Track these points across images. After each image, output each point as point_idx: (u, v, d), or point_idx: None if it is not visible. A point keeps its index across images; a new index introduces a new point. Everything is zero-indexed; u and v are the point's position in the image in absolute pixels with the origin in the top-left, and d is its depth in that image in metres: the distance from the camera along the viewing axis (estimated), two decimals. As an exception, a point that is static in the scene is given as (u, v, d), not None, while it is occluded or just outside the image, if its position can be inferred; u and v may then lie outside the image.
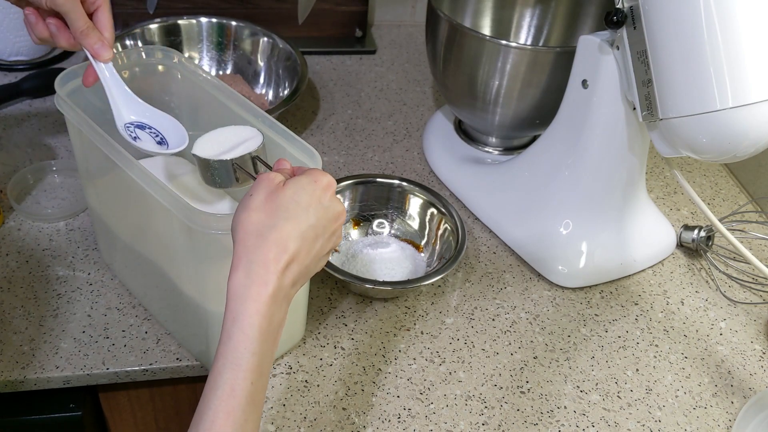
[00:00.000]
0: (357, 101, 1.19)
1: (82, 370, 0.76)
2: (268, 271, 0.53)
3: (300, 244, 0.54)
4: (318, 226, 0.55)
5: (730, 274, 0.96)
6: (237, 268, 0.53)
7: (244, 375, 0.51)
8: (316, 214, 0.55)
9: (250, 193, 0.55)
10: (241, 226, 0.54)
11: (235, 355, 0.51)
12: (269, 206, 0.54)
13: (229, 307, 0.53)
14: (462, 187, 1.02)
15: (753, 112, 0.67)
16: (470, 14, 1.10)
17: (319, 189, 0.56)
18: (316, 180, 0.56)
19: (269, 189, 0.55)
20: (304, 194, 0.55)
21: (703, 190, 1.12)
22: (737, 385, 0.83)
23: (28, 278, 0.84)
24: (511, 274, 0.93)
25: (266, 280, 0.52)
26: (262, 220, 0.54)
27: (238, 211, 0.55)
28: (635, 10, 0.72)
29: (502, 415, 0.77)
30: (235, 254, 0.54)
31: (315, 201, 0.55)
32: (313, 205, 0.55)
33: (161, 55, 0.79)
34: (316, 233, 0.55)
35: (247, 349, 0.52)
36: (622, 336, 0.87)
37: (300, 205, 0.54)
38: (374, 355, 0.81)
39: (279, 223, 0.53)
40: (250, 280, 0.52)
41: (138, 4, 1.20)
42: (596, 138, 0.85)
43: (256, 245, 0.53)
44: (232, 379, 0.51)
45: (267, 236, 0.53)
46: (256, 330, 0.52)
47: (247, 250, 0.53)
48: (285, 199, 0.54)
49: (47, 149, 1.01)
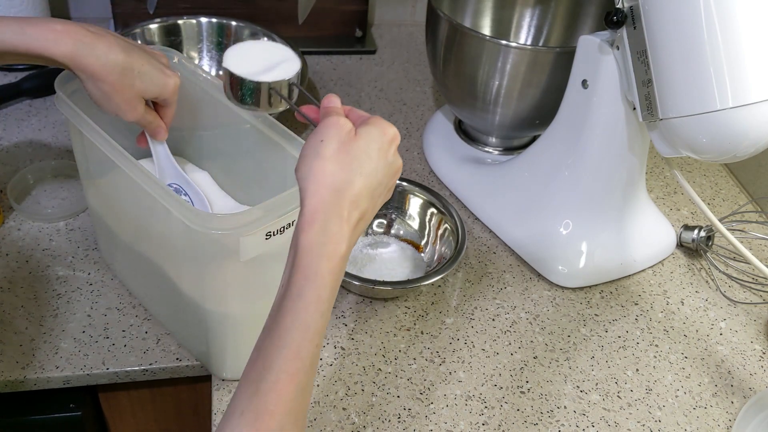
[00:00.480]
0: (357, 101, 1.19)
1: (82, 370, 0.76)
2: (342, 230, 0.51)
3: (369, 201, 0.53)
4: (383, 183, 0.54)
5: (730, 274, 0.96)
6: (312, 224, 0.51)
7: (312, 337, 0.49)
8: (384, 170, 0.54)
9: (320, 137, 0.53)
10: (315, 176, 0.51)
11: (304, 316, 0.49)
12: (343, 157, 0.52)
13: (300, 263, 0.50)
14: (462, 187, 1.02)
15: (753, 112, 0.67)
16: (470, 14, 1.10)
17: (387, 142, 0.54)
18: (385, 132, 0.54)
19: (341, 137, 0.53)
20: (374, 146, 0.53)
21: (703, 190, 1.12)
22: (737, 385, 0.83)
23: (28, 278, 0.84)
24: (511, 274, 0.93)
25: (340, 239, 0.51)
26: (337, 173, 0.51)
27: (307, 157, 0.52)
28: (635, 10, 0.72)
29: (502, 415, 0.77)
30: (309, 207, 0.51)
31: (383, 155, 0.54)
32: (383, 159, 0.54)
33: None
34: (380, 190, 0.54)
35: (318, 310, 0.50)
36: (622, 336, 0.87)
37: (372, 160, 0.53)
38: (374, 355, 0.81)
39: (355, 179, 0.52)
40: (326, 237, 0.50)
41: (138, 4, 1.20)
42: (596, 138, 0.85)
43: (332, 201, 0.51)
44: (299, 339, 0.49)
45: (343, 192, 0.51)
46: (328, 290, 0.50)
47: (324, 205, 0.51)
48: (358, 151, 0.52)
49: (47, 149, 1.01)
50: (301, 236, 0.51)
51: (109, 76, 0.65)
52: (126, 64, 0.66)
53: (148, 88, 0.68)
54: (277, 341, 0.49)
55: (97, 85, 0.66)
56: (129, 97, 0.67)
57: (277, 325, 0.49)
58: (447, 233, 0.91)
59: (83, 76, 0.66)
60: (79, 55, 0.64)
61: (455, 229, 0.89)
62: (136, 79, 0.67)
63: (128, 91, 0.67)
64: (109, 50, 0.65)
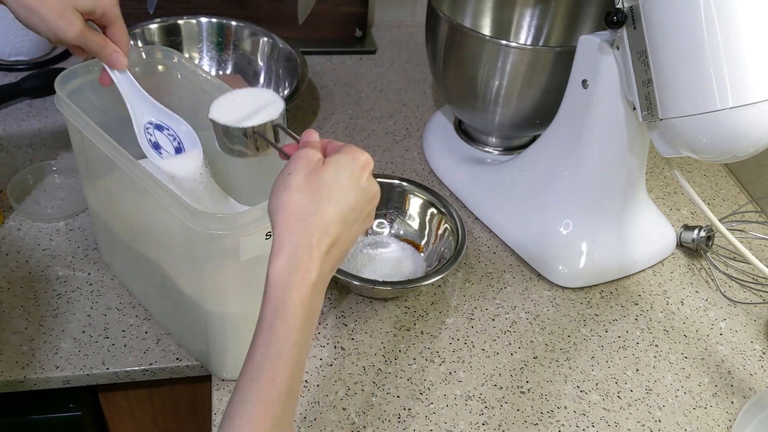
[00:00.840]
0: (357, 101, 1.19)
1: (82, 370, 0.76)
2: (311, 257, 0.50)
3: (341, 227, 0.52)
4: (356, 209, 0.54)
5: (730, 274, 0.96)
6: (279, 253, 0.50)
7: (285, 366, 0.49)
8: (356, 196, 0.53)
9: (288, 170, 0.53)
10: (283, 207, 0.51)
11: (276, 347, 0.49)
12: (310, 186, 0.52)
13: (270, 294, 0.50)
14: (462, 187, 1.02)
15: (753, 112, 0.67)
16: (470, 14, 1.10)
17: (358, 168, 0.54)
18: (355, 158, 0.54)
19: (309, 168, 0.53)
20: (344, 174, 0.53)
21: (703, 190, 1.12)
22: (737, 385, 0.83)
23: (28, 278, 0.84)
24: (511, 274, 0.93)
25: (310, 267, 0.50)
26: (304, 202, 0.51)
27: (276, 190, 0.53)
28: (635, 10, 0.72)
29: (502, 415, 0.77)
30: (277, 238, 0.51)
31: (354, 181, 0.53)
32: (354, 185, 0.53)
33: (161, 55, 0.79)
34: (354, 216, 0.54)
35: (289, 339, 0.50)
36: (622, 336, 0.87)
37: (341, 186, 0.52)
38: (374, 355, 0.81)
39: (322, 206, 0.51)
40: (293, 266, 0.50)
41: (138, 4, 1.20)
42: (596, 138, 0.85)
43: (299, 229, 0.51)
44: (272, 370, 0.49)
45: (310, 220, 0.51)
46: (298, 320, 0.50)
47: (291, 235, 0.51)
48: (327, 179, 0.52)
49: (47, 149, 1.01)
50: (270, 267, 0.51)
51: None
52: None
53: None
54: (250, 374, 0.49)
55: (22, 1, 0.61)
56: (60, 10, 0.62)
57: (250, 358, 0.50)
58: (447, 233, 0.91)
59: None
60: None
61: (455, 229, 0.89)
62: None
63: (57, 3, 0.62)
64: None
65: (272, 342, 0.49)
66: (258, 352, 0.50)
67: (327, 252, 0.51)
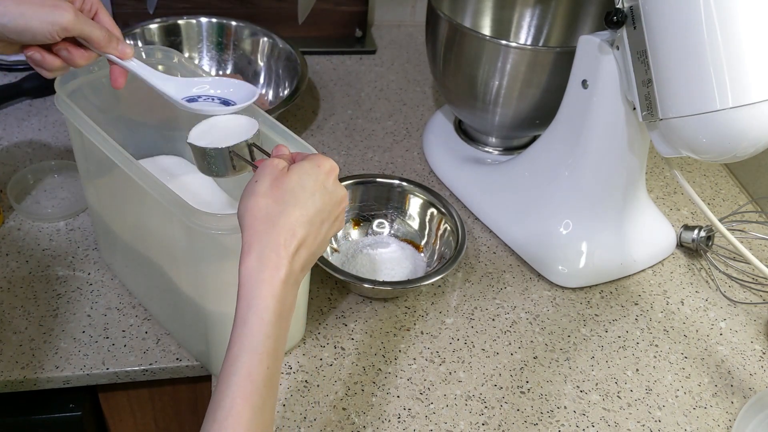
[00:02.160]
0: (357, 101, 1.19)
1: (82, 370, 0.76)
2: (279, 256, 0.53)
3: (308, 229, 0.55)
4: (323, 211, 0.56)
5: (730, 274, 0.96)
6: (248, 253, 0.53)
7: (260, 359, 0.51)
8: (322, 199, 0.56)
9: (255, 179, 0.55)
10: (249, 212, 0.54)
11: (250, 340, 0.51)
12: (276, 192, 0.54)
13: (242, 292, 0.53)
14: (462, 187, 1.02)
15: (753, 112, 0.67)
16: (470, 14, 1.10)
17: (323, 173, 0.56)
18: (319, 165, 0.57)
19: (274, 175, 0.55)
20: (308, 179, 0.55)
21: (703, 190, 1.12)
22: (737, 385, 0.83)
23: (28, 278, 0.84)
24: (511, 274, 0.93)
25: (278, 264, 0.53)
26: (270, 206, 0.54)
27: (244, 197, 0.55)
28: (635, 10, 0.72)
29: (502, 415, 0.77)
30: (245, 240, 0.54)
31: (319, 186, 0.56)
32: (318, 189, 0.56)
33: (161, 55, 0.79)
34: (322, 218, 0.56)
35: (263, 332, 0.52)
36: (622, 336, 0.87)
37: (306, 190, 0.55)
38: (374, 355, 0.81)
39: (287, 209, 0.54)
40: (262, 264, 0.52)
41: (138, 4, 1.20)
42: (596, 138, 0.85)
43: (265, 230, 0.53)
44: (248, 363, 0.51)
45: (276, 221, 0.53)
46: (270, 313, 0.52)
47: (258, 236, 0.53)
48: (291, 184, 0.55)
49: (47, 149, 1.01)
50: (240, 267, 0.53)
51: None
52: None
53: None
54: (228, 369, 0.51)
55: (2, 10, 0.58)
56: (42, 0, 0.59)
57: (228, 354, 0.52)
58: (447, 233, 0.91)
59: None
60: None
61: (455, 229, 0.89)
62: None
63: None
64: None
65: (246, 335, 0.52)
66: (234, 347, 0.52)
67: (295, 252, 0.54)
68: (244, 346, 0.51)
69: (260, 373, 0.51)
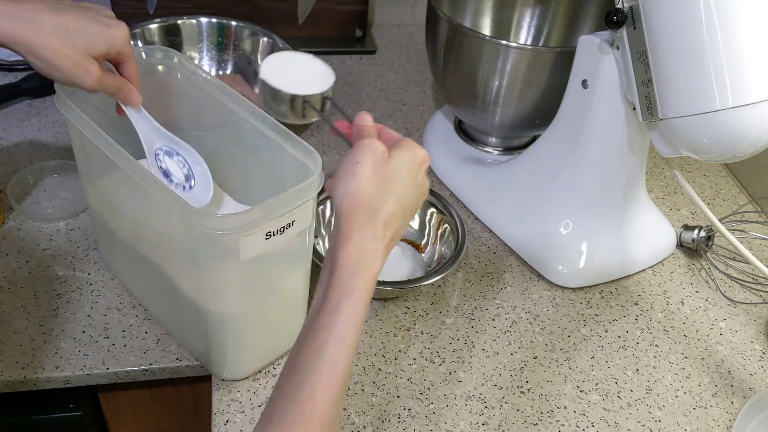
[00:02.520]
0: (357, 101, 1.19)
1: (82, 370, 0.76)
2: (377, 248, 0.53)
3: (401, 222, 0.56)
4: (412, 204, 0.57)
5: (730, 274, 0.96)
6: (349, 240, 0.53)
7: (347, 350, 0.51)
8: (413, 192, 0.57)
9: (356, 159, 0.55)
10: (351, 196, 0.54)
11: (341, 329, 0.51)
12: (377, 179, 0.54)
13: (335, 279, 0.52)
14: (462, 187, 1.02)
15: (753, 112, 0.67)
16: (470, 14, 1.10)
17: (417, 165, 0.57)
18: (415, 155, 0.57)
19: (375, 159, 0.55)
20: (406, 169, 0.56)
21: (703, 190, 1.12)
22: (737, 385, 0.83)
23: (28, 278, 0.84)
24: (511, 274, 0.93)
25: (376, 256, 0.53)
26: (372, 194, 0.54)
27: (344, 177, 0.55)
28: (635, 10, 0.72)
29: (502, 415, 0.77)
30: (345, 226, 0.53)
31: (413, 177, 0.56)
32: (412, 181, 0.56)
33: (161, 55, 0.79)
34: (410, 211, 0.57)
35: (354, 324, 0.51)
36: (622, 336, 0.87)
37: (403, 182, 0.55)
38: (374, 355, 0.81)
39: (388, 200, 0.54)
40: (361, 255, 0.53)
41: (138, 4, 1.20)
42: (596, 138, 0.85)
43: (366, 220, 0.53)
44: (335, 353, 0.50)
45: (377, 212, 0.54)
46: (363, 306, 0.52)
47: (359, 225, 0.53)
48: (392, 173, 0.55)
49: (47, 149, 1.01)
50: (339, 253, 0.53)
51: (45, 41, 0.60)
52: (58, 24, 0.60)
53: (93, 44, 0.62)
54: (313, 354, 0.50)
55: (37, 54, 0.60)
56: (76, 60, 0.61)
57: (313, 339, 0.51)
58: (447, 233, 0.91)
59: (20, 49, 0.60)
60: (3, 27, 0.59)
61: (455, 229, 0.89)
62: (75, 38, 0.61)
63: (72, 53, 0.61)
64: (35, 14, 0.60)
65: (337, 325, 0.51)
66: (322, 335, 0.51)
67: (388, 244, 0.55)
68: (333, 335, 0.51)
69: (345, 364, 0.51)
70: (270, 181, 0.76)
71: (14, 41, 0.59)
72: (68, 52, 0.61)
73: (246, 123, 0.73)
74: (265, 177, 0.77)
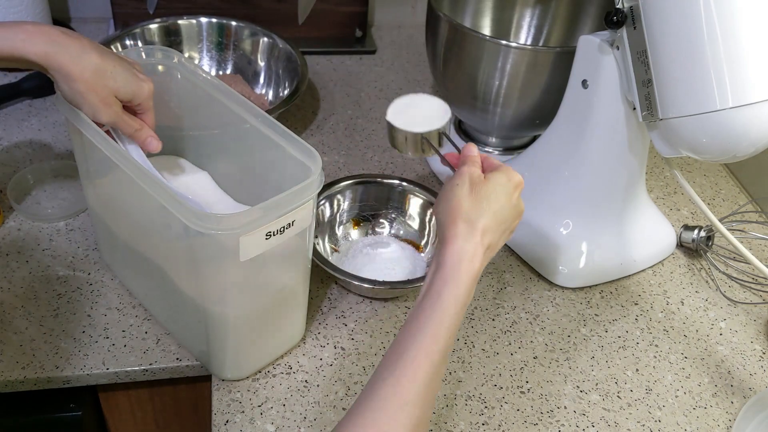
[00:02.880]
0: (357, 101, 1.19)
1: (82, 370, 0.76)
2: (477, 250, 0.61)
3: (496, 235, 0.63)
4: (507, 220, 0.64)
5: (730, 274, 0.96)
6: (452, 244, 0.61)
7: (445, 332, 0.58)
8: (509, 211, 0.64)
9: (456, 182, 0.64)
10: (451, 211, 0.63)
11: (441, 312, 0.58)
12: (474, 197, 0.63)
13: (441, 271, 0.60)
14: (462, 187, 1.02)
15: (753, 112, 0.67)
16: (470, 14, 1.10)
17: (512, 187, 0.65)
18: (510, 179, 0.65)
19: (472, 181, 0.64)
20: (501, 190, 0.64)
21: (703, 190, 1.12)
22: (737, 385, 0.83)
23: (28, 278, 0.84)
24: (511, 274, 0.93)
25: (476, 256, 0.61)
26: (470, 209, 0.62)
27: (445, 197, 0.64)
28: (635, 10, 0.72)
29: (502, 415, 0.77)
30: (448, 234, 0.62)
31: (508, 197, 0.64)
32: (507, 201, 0.64)
33: (161, 55, 0.79)
34: (504, 227, 0.64)
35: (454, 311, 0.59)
36: (622, 336, 0.87)
37: (498, 200, 0.63)
38: (374, 355, 0.81)
39: (484, 214, 0.62)
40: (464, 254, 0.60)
41: (138, 4, 1.20)
42: (596, 138, 0.85)
43: (467, 229, 0.61)
44: (435, 327, 0.58)
45: (475, 223, 0.62)
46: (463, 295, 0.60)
47: (461, 231, 0.61)
48: (487, 192, 0.63)
49: (47, 149, 1.01)
50: (443, 253, 0.61)
51: (83, 74, 0.66)
52: (100, 65, 0.67)
53: (122, 88, 0.69)
54: (415, 330, 0.58)
55: (71, 84, 0.67)
56: (104, 96, 0.68)
57: (415, 319, 0.59)
58: (447, 233, 0.90)
59: (57, 76, 0.67)
60: (52, 53, 0.65)
61: (455, 229, 0.89)
62: (109, 79, 0.68)
63: (102, 90, 0.68)
64: (82, 50, 0.66)
65: (438, 307, 0.59)
66: (424, 314, 0.59)
67: (486, 250, 0.62)
68: (434, 313, 0.58)
69: (444, 338, 0.58)
70: (270, 181, 0.76)
71: (58, 69, 0.66)
72: (100, 90, 0.68)
73: (246, 123, 0.73)
74: (265, 177, 0.77)
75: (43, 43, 0.65)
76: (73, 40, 0.66)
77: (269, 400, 0.75)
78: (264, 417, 0.73)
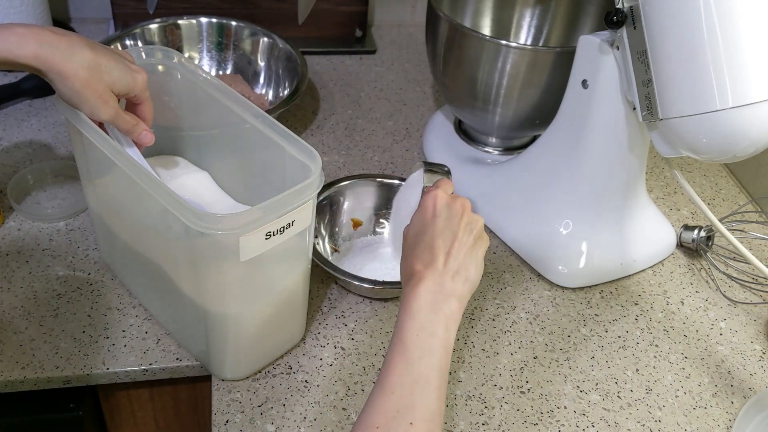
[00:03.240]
0: (357, 101, 1.19)
1: (82, 370, 0.76)
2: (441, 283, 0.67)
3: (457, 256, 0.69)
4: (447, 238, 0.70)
5: (730, 274, 0.96)
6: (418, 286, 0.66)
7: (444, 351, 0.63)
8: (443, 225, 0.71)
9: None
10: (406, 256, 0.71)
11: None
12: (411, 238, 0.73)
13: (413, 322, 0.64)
14: (462, 187, 1.02)
15: (753, 112, 0.67)
16: (470, 14, 1.10)
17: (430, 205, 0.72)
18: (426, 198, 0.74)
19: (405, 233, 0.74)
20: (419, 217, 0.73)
21: (703, 190, 1.12)
22: (737, 385, 0.83)
23: (28, 278, 0.84)
24: (511, 274, 0.93)
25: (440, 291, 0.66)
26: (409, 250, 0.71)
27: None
28: (635, 10, 0.72)
29: (502, 415, 0.77)
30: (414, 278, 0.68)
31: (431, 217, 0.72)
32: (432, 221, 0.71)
33: (161, 55, 0.79)
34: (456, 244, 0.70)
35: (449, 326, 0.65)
36: (622, 336, 0.87)
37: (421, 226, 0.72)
38: (374, 355, 0.81)
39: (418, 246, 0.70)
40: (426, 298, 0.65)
41: (138, 4, 1.20)
42: (596, 138, 0.85)
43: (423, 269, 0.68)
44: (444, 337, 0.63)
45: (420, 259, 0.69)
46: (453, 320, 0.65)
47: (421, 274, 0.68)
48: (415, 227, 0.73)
49: (47, 149, 1.01)
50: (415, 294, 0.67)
51: (78, 72, 0.65)
52: (92, 61, 0.66)
53: (117, 82, 0.68)
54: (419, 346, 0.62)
55: (67, 83, 0.66)
56: (100, 92, 0.67)
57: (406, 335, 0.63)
58: (447, 233, 0.90)
59: (52, 76, 0.66)
60: (43, 54, 0.64)
61: (455, 229, 0.89)
62: (104, 74, 0.67)
63: (98, 86, 0.67)
64: (73, 47, 0.65)
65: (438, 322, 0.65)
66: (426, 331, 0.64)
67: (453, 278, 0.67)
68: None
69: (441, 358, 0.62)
70: (270, 181, 0.76)
71: (50, 68, 0.65)
72: (96, 86, 0.67)
73: (246, 123, 0.73)
74: (265, 177, 0.77)
75: (34, 45, 0.64)
76: (63, 38, 0.65)
77: (269, 400, 0.75)
78: (264, 417, 0.73)
